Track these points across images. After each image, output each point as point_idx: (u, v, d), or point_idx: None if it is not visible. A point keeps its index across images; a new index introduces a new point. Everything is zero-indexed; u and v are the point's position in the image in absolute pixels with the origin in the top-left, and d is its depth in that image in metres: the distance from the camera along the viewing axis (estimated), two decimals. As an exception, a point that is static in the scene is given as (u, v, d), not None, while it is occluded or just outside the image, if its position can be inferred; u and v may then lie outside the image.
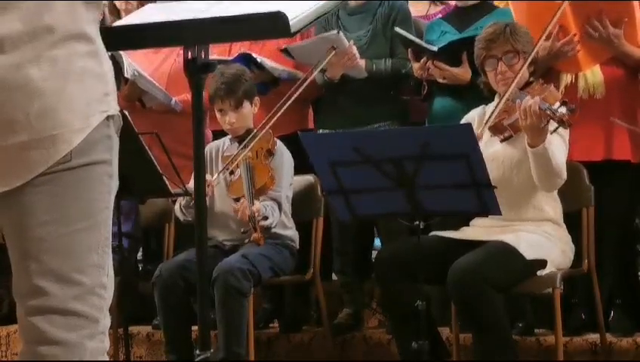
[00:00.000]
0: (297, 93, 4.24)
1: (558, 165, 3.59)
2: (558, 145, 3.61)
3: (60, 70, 1.79)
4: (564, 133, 3.66)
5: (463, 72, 4.30)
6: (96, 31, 1.87)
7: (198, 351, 2.12)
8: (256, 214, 4.01)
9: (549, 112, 3.40)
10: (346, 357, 4.54)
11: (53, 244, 1.80)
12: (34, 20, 1.77)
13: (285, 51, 4.56)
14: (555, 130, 3.46)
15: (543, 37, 3.80)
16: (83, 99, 1.82)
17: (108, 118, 1.87)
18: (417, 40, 4.43)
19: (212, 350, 2.13)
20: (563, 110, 3.40)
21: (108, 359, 1.89)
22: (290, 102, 4.20)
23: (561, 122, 3.39)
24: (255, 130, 4.29)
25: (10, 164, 1.78)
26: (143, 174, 3.91)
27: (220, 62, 4.52)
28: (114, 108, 1.89)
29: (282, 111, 4.18)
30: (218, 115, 4.35)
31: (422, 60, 4.33)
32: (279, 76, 4.69)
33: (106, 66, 1.88)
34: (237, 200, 4.13)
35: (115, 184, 1.91)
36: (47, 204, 1.80)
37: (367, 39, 4.67)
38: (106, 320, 1.88)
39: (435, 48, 4.30)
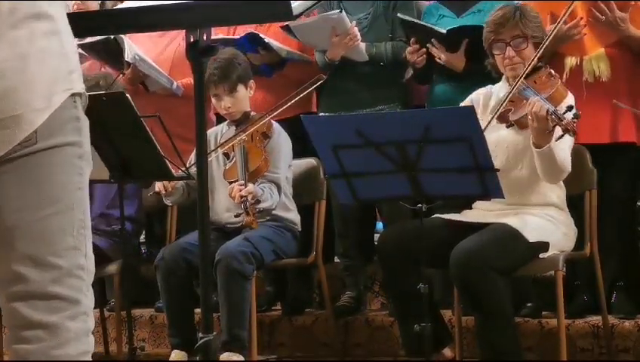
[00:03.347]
0: (306, 92, 4.23)
1: (563, 162, 3.59)
2: (564, 140, 3.58)
3: (20, 50, 1.78)
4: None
5: (456, 60, 4.27)
6: (58, 9, 1.86)
7: (200, 334, 2.12)
8: (249, 197, 4.01)
9: (555, 118, 3.39)
10: (349, 339, 4.55)
11: (27, 230, 1.81)
12: None
13: (287, 29, 4.55)
14: (560, 138, 3.44)
15: (555, 30, 3.76)
16: (45, 78, 1.81)
17: (74, 96, 1.86)
18: (424, 23, 4.41)
19: (215, 333, 2.14)
20: (569, 116, 3.38)
21: (92, 338, 1.90)
22: (295, 94, 4.20)
23: (567, 130, 3.38)
24: (253, 114, 4.30)
25: None
26: (146, 157, 3.90)
27: (227, 41, 4.52)
28: (80, 87, 1.88)
29: (286, 99, 4.18)
30: (213, 100, 4.35)
31: (414, 46, 4.33)
32: (286, 57, 4.68)
33: (68, 44, 1.87)
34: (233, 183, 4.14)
35: (86, 165, 1.90)
36: (17, 191, 1.81)
37: (367, 22, 4.66)
38: (88, 301, 1.89)
39: (444, 31, 4.28)
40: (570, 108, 3.43)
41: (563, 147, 3.59)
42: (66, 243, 1.84)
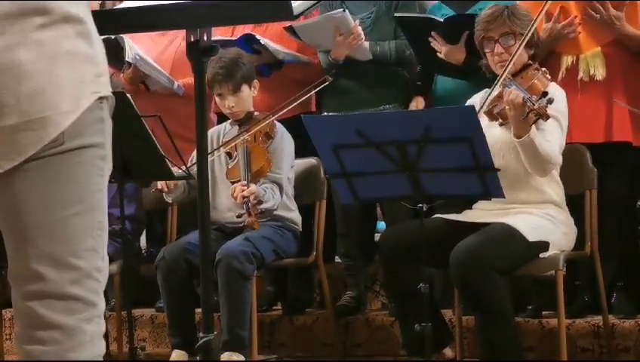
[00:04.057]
0: (308, 95, 4.24)
1: (547, 153, 3.57)
2: (551, 131, 3.58)
3: (48, 52, 1.78)
4: (562, 117, 3.65)
5: (457, 52, 4.25)
6: (86, 11, 1.86)
7: (201, 334, 2.12)
8: (251, 198, 4.00)
9: (528, 104, 3.40)
10: (349, 339, 4.55)
11: (48, 229, 1.80)
12: (23, 2, 1.75)
13: (290, 30, 4.55)
14: (534, 122, 3.45)
15: (538, 19, 3.77)
16: (73, 80, 1.80)
17: (101, 99, 1.86)
18: (422, 15, 4.40)
19: (215, 332, 2.14)
20: (543, 102, 3.39)
21: (104, 341, 1.89)
22: (299, 95, 4.21)
23: (539, 115, 3.39)
24: (256, 114, 4.30)
25: (1, 147, 1.78)
26: (146, 157, 3.91)
27: (223, 42, 4.51)
28: (107, 90, 1.88)
29: (288, 100, 4.19)
30: (217, 99, 4.35)
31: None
32: (283, 59, 4.68)
33: (97, 47, 1.87)
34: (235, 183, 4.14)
35: (108, 167, 1.90)
36: (41, 189, 1.80)
37: (370, 21, 4.65)
38: (102, 303, 1.89)
39: (441, 19, 4.28)
40: (544, 94, 3.44)
41: (550, 138, 3.58)
42: (86, 244, 1.83)
